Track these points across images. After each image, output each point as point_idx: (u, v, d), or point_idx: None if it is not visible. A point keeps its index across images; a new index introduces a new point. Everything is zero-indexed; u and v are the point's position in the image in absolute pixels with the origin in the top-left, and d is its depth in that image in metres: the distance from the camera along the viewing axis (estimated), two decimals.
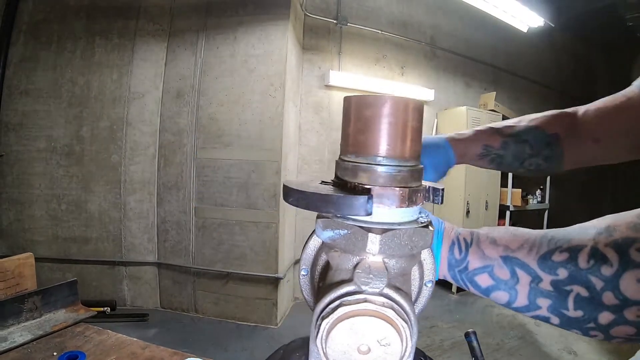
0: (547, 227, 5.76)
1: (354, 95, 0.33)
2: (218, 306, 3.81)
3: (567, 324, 0.38)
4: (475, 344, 0.58)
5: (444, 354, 3.32)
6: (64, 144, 3.75)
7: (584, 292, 0.36)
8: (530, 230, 0.42)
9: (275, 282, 3.66)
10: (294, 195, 0.32)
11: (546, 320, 0.39)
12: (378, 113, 0.31)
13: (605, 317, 0.36)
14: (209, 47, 3.79)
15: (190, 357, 0.90)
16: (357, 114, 0.32)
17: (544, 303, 0.38)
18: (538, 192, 5.81)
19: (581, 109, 0.86)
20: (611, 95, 0.85)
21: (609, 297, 0.35)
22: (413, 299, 0.38)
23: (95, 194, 3.80)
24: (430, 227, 0.32)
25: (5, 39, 3.58)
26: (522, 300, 0.39)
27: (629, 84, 0.82)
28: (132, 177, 3.85)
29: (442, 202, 0.39)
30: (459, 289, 4.81)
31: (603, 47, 7.31)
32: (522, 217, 5.80)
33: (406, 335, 0.27)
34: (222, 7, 3.77)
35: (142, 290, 3.92)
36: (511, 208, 5.20)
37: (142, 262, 3.89)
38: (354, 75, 4.45)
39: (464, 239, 0.42)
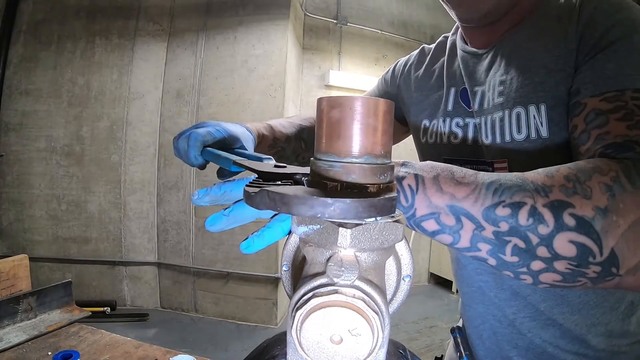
0: None
1: (325, 97, 0.33)
2: (218, 306, 3.81)
3: (503, 266, 0.43)
4: (460, 339, 0.58)
5: (444, 353, 3.32)
6: (64, 144, 3.77)
7: (521, 244, 0.40)
8: (475, 173, 0.45)
9: (275, 282, 3.67)
10: (329, 206, 0.27)
11: (484, 260, 0.43)
12: (347, 113, 0.31)
13: (537, 265, 0.41)
14: (209, 47, 3.79)
15: (181, 354, 0.90)
16: (328, 114, 0.32)
17: (484, 247, 0.42)
18: None
19: None
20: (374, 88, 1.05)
21: (542, 251, 0.40)
22: (391, 293, 0.38)
23: (95, 194, 3.82)
24: (401, 222, 0.32)
25: (5, 39, 3.60)
26: (464, 242, 0.43)
27: None
28: (132, 177, 3.86)
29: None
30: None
31: None
32: None
33: (377, 326, 0.28)
34: (222, 7, 3.78)
35: (142, 290, 3.93)
36: None
37: (142, 262, 3.90)
38: (354, 75, 4.46)
39: (409, 186, 0.43)
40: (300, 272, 0.35)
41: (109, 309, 3.56)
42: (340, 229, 0.30)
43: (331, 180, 0.32)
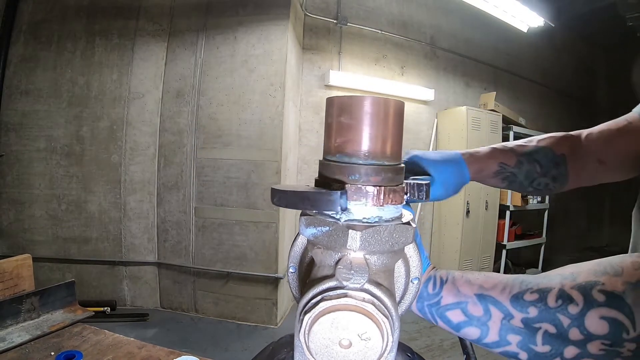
0: (547, 227, 5.80)
1: (335, 96, 0.33)
2: (218, 306, 3.81)
3: (535, 358, 0.41)
4: (467, 341, 0.58)
5: (443, 354, 3.32)
6: (64, 144, 3.76)
7: (551, 329, 0.40)
8: (502, 274, 0.46)
9: (275, 282, 3.67)
10: (276, 195, 0.32)
11: (515, 355, 0.43)
12: (357, 113, 0.31)
13: (570, 352, 0.40)
14: (209, 47, 3.79)
15: (184, 355, 0.90)
16: (337, 115, 0.32)
17: (513, 339, 0.42)
18: None
19: (584, 132, 0.91)
20: (613, 120, 0.89)
21: (574, 333, 0.39)
22: (399, 295, 0.38)
23: (95, 194, 3.81)
24: (412, 224, 0.32)
25: (5, 39, 3.59)
26: (493, 336, 0.43)
27: (629, 83, 0.86)
28: (132, 177, 3.85)
29: (426, 198, 0.39)
30: None
31: (603, 46, 7.29)
32: (522, 217, 5.78)
33: (387, 330, 0.27)
34: (222, 7, 3.77)
35: (142, 290, 3.93)
36: (511, 208, 5.20)
37: (142, 262, 3.90)
38: (354, 75, 4.45)
39: (440, 277, 0.46)
40: (307, 274, 0.34)
41: (109, 309, 3.55)
42: (350, 231, 0.30)
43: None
